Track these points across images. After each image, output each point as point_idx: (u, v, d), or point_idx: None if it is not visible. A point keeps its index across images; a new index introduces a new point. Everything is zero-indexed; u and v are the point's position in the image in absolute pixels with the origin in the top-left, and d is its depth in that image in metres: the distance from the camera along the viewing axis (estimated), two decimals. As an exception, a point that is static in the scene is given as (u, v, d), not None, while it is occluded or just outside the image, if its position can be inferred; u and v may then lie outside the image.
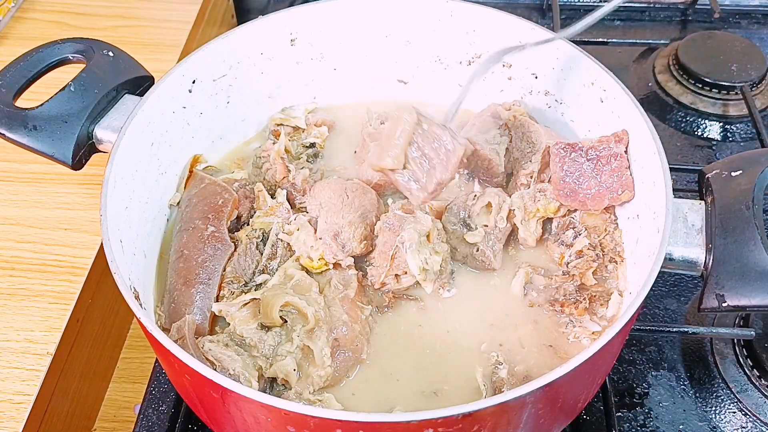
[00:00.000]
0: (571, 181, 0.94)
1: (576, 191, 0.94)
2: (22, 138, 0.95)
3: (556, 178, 0.95)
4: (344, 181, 1.00)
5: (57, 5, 1.51)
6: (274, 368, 0.84)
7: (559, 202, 0.96)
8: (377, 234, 0.94)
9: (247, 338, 0.86)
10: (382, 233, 0.93)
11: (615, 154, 0.93)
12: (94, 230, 1.12)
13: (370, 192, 0.99)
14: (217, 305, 0.89)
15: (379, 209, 0.99)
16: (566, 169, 0.94)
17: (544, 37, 1.00)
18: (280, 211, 0.99)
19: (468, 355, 0.88)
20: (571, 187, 0.94)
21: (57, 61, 1.00)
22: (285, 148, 1.05)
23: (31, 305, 1.03)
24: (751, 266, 0.79)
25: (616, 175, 0.93)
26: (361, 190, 0.98)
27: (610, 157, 0.93)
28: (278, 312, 0.86)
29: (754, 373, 1.01)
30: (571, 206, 0.96)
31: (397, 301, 0.93)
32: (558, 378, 0.68)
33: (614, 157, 0.93)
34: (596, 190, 0.93)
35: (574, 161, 0.94)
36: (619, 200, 0.93)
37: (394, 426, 0.66)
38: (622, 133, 0.94)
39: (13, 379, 0.96)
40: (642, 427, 0.99)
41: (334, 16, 1.10)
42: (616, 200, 0.93)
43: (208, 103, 1.06)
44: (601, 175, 0.93)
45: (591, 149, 0.94)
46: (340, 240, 0.93)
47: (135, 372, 1.15)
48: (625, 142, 0.93)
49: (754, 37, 1.52)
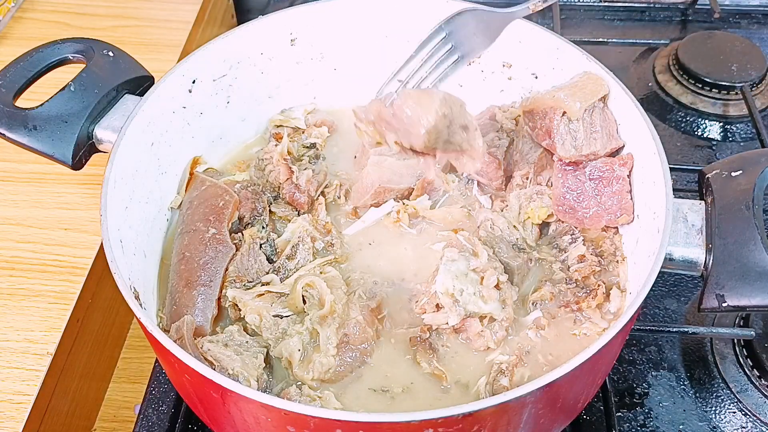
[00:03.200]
0: (571, 199, 0.94)
1: (575, 209, 0.94)
2: (22, 138, 0.95)
3: (556, 194, 0.95)
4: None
5: (57, 5, 1.51)
6: (280, 347, 0.85)
7: (557, 216, 0.96)
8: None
9: (259, 325, 0.87)
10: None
11: (618, 176, 0.93)
12: (94, 230, 1.12)
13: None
14: (231, 291, 0.90)
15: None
16: (568, 185, 0.95)
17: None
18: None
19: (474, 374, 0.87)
20: (571, 204, 0.95)
21: (57, 61, 1.00)
22: (287, 149, 1.05)
23: (31, 305, 1.03)
24: (751, 266, 0.79)
25: (616, 197, 0.93)
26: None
27: (613, 179, 0.93)
28: (301, 290, 0.87)
29: (754, 373, 1.01)
30: (568, 222, 0.96)
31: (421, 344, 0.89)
32: (558, 378, 0.68)
33: (616, 180, 0.93)
34: (595, 210, 0.94)
35: (577, 179, 0.94)
36: (617, 223, 0.93)
37: (394, 426, 0.66)
38: (628, 156, 0.94)
39: (13, 379, 0.96)
40: (642, 427, 0.99)
41: (334, 16, 1.10)
42: (613, 222, 0.93)
43: (208, 103, 1.06)
44: (602, 196, 0.93)
45: (594, 169, 0.94)
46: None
47: (135, 372, 1.15)
48: (629, 166, 0.93)
49: (754, 37, 1.52)
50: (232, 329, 0.87)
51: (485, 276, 0.87)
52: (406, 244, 1.00)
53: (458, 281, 0.87)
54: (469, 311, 0.86)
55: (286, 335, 0.86)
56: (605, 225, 0.94)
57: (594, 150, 0.94)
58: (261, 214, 1.00)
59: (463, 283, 0.87)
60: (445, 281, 0.86)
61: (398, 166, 1.03)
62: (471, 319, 0.87)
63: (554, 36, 1.02)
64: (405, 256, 0.99)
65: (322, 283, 0.87)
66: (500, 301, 0.87)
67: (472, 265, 0.88)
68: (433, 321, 0.88)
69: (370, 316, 0.89)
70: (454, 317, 0.86)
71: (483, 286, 0.87)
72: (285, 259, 0.95)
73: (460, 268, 0.87)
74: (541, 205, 0.97)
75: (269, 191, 1.04)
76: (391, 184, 1.02)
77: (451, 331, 0.89)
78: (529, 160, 1.01)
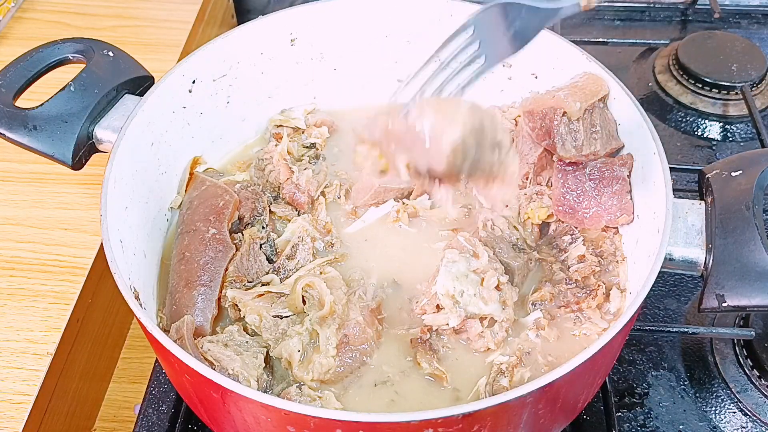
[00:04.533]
0: (571, 199, 0.94)
1: (575, 209, 0.94)
2: (22, 138, 0.95)
3: (556, 194, 0.95)
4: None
5: (57, 5, 1.51)
6: (280, 347, 0.85)
7: (557, 217, 0.96)
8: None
9: (259, 325, 0.87)
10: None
11: (618, 176, 0.93)
12: (94, 230, 1.12)
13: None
14: (231, 291, 0.90)
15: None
16: (568, 185, 0.95)
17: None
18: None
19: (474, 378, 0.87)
20: (571, 204, 0.94)
21: (57, 61, 1.00)
22: (287, 149, 1.05)
23: (31, 305, 1.03)
24: (751, 266, 0.79)
25: (616, 197, 0.93)
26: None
27: (613, 179, 0.93)
28: (301, 290, 0.87)
29: (754, 373, 1.01)
30: (568, 222, 0.96)
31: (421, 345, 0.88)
32: (558, 378, 0.68)
33: (616, 180, 0.93)
34: (595, 210, 0.94)
35: (577, 179, 0.94)
36: (617, 223, 0.93)
37: (394, 426, 0.66)
38: (627, 156, 0.94)
39: (13, 379, 0.96)
40: (642, 427, 0.99)
41: (334, 16, 1.10)
42: (613, 222, 0.93)
43: (208, 102, 1.06)
44: (602, 196, 0.93)
45: (594, 170, 0.94)
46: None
47: (135, 372, 1.15)
48: (629, 166, 0.93)
49: (754, 37, 1.52)
50: (232, 329, 0.87)
51: (486, 277, 0.87)
52: (406, 244, 1.00)
53: (459, 282, 0.86)
54: (469, 312, 0.86)
55: (286, 336, 0.86)
56: (605, 225, 0.94)
57: (594, 150, 0.94)
58: (261, 214, 1.00)
59: (464, 284, 0.86)
60: (446, 282, 0.86)
61: (398, 166, 1.02)
62: (471, 320, 0.87)
63: (554, 36, 1.02)
64: (405, 257, 0.99)
65: (321, 284, 0.87)
66: (501, 302, 0.87)
67: (473, 267, 0.88)
68: (434, 322, 0.87)
69: (370, 317, 0.89)
70: (454, 318, 0.86)
71: (483, 288, 0.87)
72: (285, 259, 0.95)
73: (461, 270, 0.87)
74: (541, 205, 0.97)
75: (269, 191, 1.04)
76: (391, 184, 1.02)
77: (451, 332, 0.88)
78: (528, 160, 1.01)
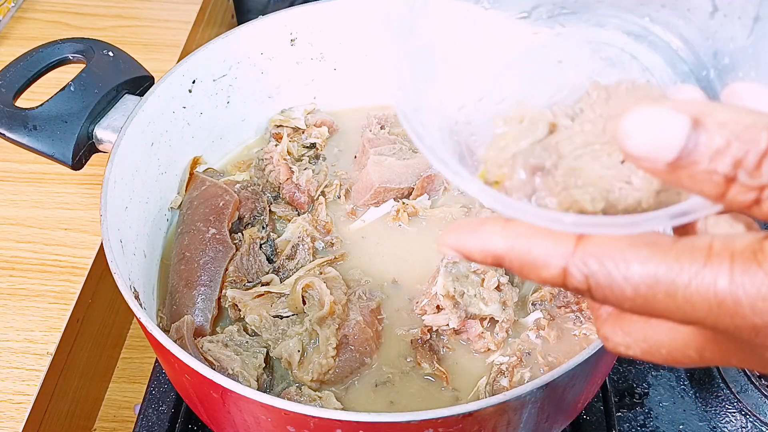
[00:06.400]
0: None
1: None
2: (22, 138, 0.94)
3: None
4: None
5: (57, 5, 1.50)
6: (279, 348, 0.85)
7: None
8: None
9: (259, 325, 0.87)
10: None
11: None
12: (94, 230, 1.12)
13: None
14: (231, 292, 0.90)
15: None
16: None
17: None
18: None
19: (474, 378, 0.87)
20: None
21: (57, 61, 1.00)
22: (287, 149, 1.05)
23: (31, 305, 1.03)
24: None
25: None
26: None
27: None
28: (301, 290, 0.87)
29: (754, 373, 1.01)
30: None
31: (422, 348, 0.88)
32: (558, 378, 0.68)
33: None
34: None
35: None
36: None
37: (394, 426, 0.66)
38: None
39: (13, 379, 0.96)
40: (642, 427, 0.99)
41: (334, 16, 1.10)
42: None
43: (208, 103, 1.06)
44: None
45: None
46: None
47: (135, 372, 1.15)
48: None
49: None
50: (232, 329, 0.87)
51: (486, 278, 0.87)
52: (406, 244, 1.00)
53: (459, 283, 0.86)
54: (470, 313, 0.86)
55: (286, 336, 0.86)
56: None
57: None
58: (261, 214, 1.00)
59: (464, 284, 0.86)
60: (446, 283, 0.86)
61: (398, 166, 1.03)
62: (472, 321, 0.87)
63: (554, 36, 1.02)
64: (405, 256, 0.99)
65: (321, 284, 0.87)
66: (501, 303, 0.87)
67: (473, 267, 0.88)
68: (434, 322, 0.87)
69: (370, 317, 0.89)
70: (454, 319, 0.85)
71: (484, 288, 0.87)
72: (285, 259, 0.95)
73: (461, 270, 0.87)
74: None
75: (269, 191, 1.04)
76: (391, 184, 1.02)
77: (451, 332, 0.88)
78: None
